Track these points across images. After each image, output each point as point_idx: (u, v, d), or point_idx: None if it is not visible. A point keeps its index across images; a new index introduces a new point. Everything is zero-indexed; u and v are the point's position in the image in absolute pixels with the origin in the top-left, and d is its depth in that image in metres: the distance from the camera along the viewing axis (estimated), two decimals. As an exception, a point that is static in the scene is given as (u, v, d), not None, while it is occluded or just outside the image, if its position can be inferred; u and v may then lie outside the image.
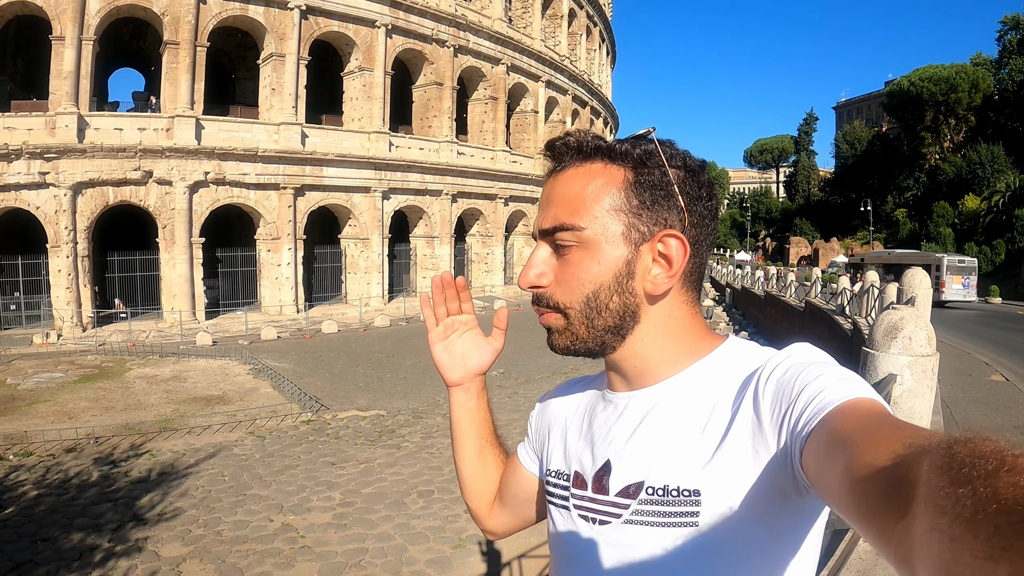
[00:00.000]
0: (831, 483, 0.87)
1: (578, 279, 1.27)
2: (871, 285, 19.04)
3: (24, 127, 28.26)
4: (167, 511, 11.87)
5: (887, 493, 0.70)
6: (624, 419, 1.34)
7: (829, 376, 1.05)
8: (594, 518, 1.32)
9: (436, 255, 40.95)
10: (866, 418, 0.91)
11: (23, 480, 13.30)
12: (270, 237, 33.75)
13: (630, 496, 1.25)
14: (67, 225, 28.43)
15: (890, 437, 0.78)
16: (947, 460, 0.58)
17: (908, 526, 0.62)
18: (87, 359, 25.47)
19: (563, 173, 1.31)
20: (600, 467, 1.34)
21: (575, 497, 1.38)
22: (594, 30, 59.34)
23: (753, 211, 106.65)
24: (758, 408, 1.13)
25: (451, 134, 41.14)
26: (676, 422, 1.25)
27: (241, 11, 32.45)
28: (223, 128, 32.46)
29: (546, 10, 50.48)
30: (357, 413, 18.32)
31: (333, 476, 13.75)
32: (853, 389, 1.01)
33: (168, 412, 18.27)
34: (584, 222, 1.25)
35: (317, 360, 25.77)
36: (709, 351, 1.31)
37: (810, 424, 0.99)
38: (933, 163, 75.20)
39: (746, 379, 1.20)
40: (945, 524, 0.53)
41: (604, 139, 1.31)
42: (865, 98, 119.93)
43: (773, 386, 1.12)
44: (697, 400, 1.25)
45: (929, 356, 5.22)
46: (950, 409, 14.39)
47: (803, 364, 1.12)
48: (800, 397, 1.04)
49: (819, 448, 0.95)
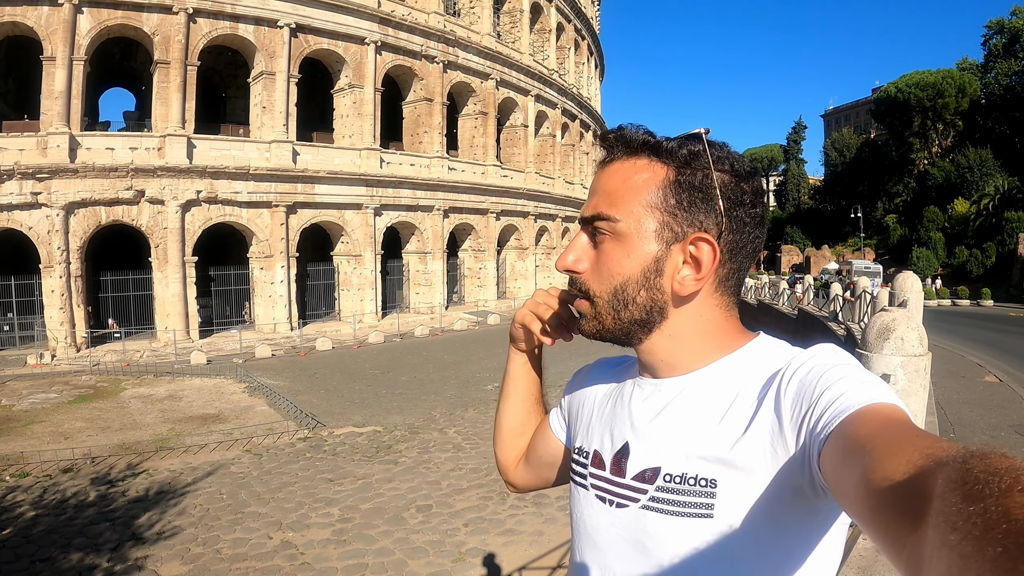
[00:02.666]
0: (847, 488, 0.88)
1: (608, 269, 1.30)
2: (863, 291, 19.09)
3: (16, 147, 28.24)
4: (166, 530, 11.85)
5: (902, 504, 0.71)
6: (647, 404, 1.36)
7: (851, 379, 1.06)
8: (611, 500, 1.34)
9: (429, 271, 40.95)
10: (886, 424, 0.92)
11: (20, 501, 13.26)
12: (263, 255, 33.72)
13: (647, 481, 1.28)
14: (60, 245, 28.39)
15: (908, 446, 0.79)
16: (961, 475, 0.58)
17: (920, 539, 0.62)
18: (82, 379, 25.41)
19: (610, 165, 1.34)
20: (619, 449, 1.36)
21: (593, 476, 1.41)
22: (582, 44, 59.57)
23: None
24: (779, 406, 1.14)
25: (442, 149, 41.20)
26: (697, 412, 1.27)
27: (231, 30, 32.53)
28: (214, 146, 32.49)
29: (534, 25, 50.69)
30: (354, 429, 18.31)
31: (331, 492, 13.74)
32: (875, 393, 1.01)
33: (164, 431, 18.24)
34: (620, 214, 1.28)
35: (312, 377, 25.74)
36: (738, 348, 1.32)
37: (829, 426, 1.00)
38: (922, 168, 75.31)
39: (770, 377, 1.21)
40: (955, 540, 0.52)
41: (653, 135, 1.33)
42: (853, 105, 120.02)
43: (795, 385, 1.13)
44: (720, 393, 1.26)
45: (921, 356, 5.29)
46: (945, 411, 14.47)
47: (827, 365, 1.13)
48: (821, 398, 1.06)
49: (837, 452, 0.96)
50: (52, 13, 28.65)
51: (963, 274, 58.82)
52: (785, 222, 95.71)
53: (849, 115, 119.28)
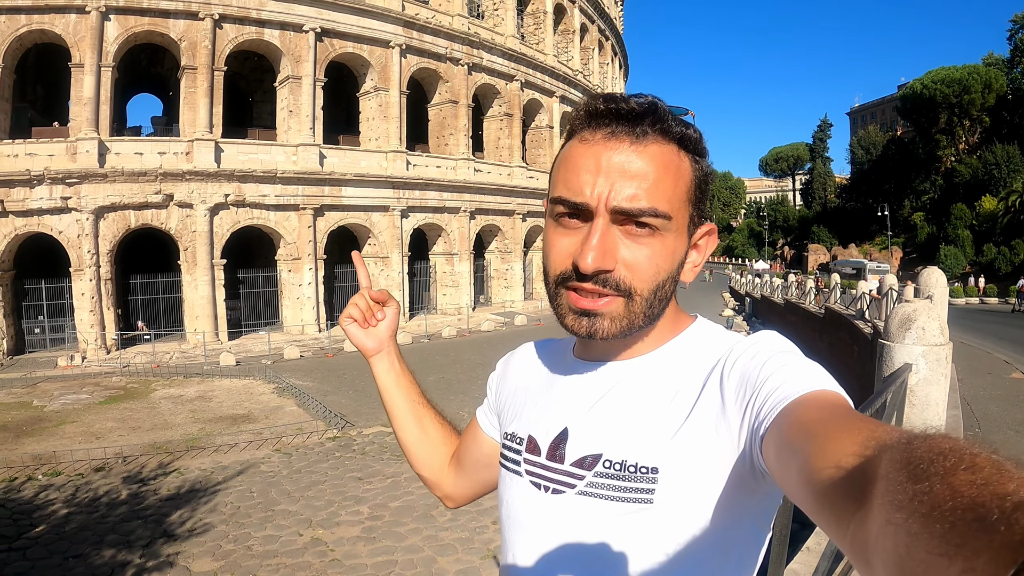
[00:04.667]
0: (790, 472, 0.88)
1: (656, 266, 1.22)
2: (890, 288, 18.98)
3: (46, 153, 28.59)
4: (197, 527, 11.92)
5: (845, 485, 0.71)
6: (587, 388, 1.34)
7: (794, 366, 1.08)
8: (547, 486, 1.31)
9: (456, 272, 40.98)
10: (829, 409, 0.93)
11: (53, 499, 13.38)
12: (291, 257, 33.91)
13: (586, 468, 1.25)
14: (90, 249, 28.70)
15: (851, 430, 0.80)
16: (906, 456, 0.58)
17: (864, 518, 0.63)
18: (112, 380, 25.63)
19: (644, 146, 1.20)
20: (557, 434, 1.33)
21: (527, 463, 1.37)
22: (606, 44, 59.48)
23: (770, 220, 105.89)
24: (723, 392, 1.14)
25: (467, 151, 41.21)
26: (640, 397, 1.25)
27: (257, 35, 32.76)
28: (242, 150, 32.72)
29: (558, 26, 50.62)
30: (382, 429, 18.32)
31: (360, 491, 13.78)
32: (817, 381, 1.03)
33: (195, 431, 18.36)
34: (674, 211, 1.21)
35: (340, 378, 25.82)
36: (680, 331, 1.33)
37: (773, 412, 1.00)
38: (949, 165, 74.42)
39: (713, 362, 1.21)
40: (901, 519, 0.53)
41: (686, 123, 1.26)
42: (879, 103, 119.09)
43: (739, 371, 1.14)
44: (663, 378, 1.25)
45: (942, 345, 5.29)
46: (970, 406, 14.37)
47: (770, 351, 1.14)
48: (764, 384, 1.06)
49: (780, 436, 0.96)
50: (80, 20, 28.97)
51: (991, 272, 58.01)
52: (811, 221, 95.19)
53: (875, 112, 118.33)
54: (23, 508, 12.96)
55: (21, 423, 19.17)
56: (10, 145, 28.46)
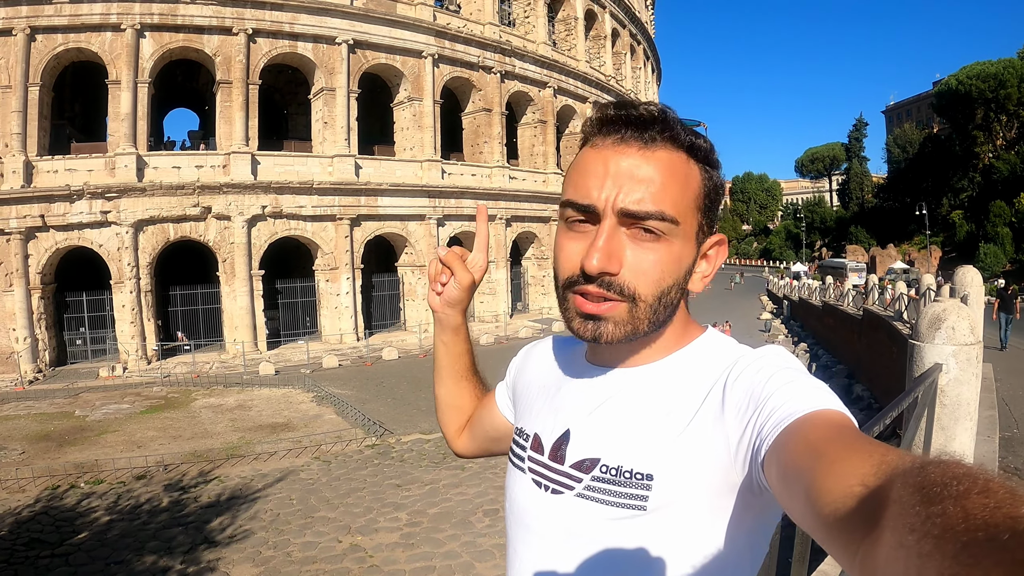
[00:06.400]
0: (795, 492, 0.87)
1: (660, 271, 1.22)
2: (927, 288, 18.72)
3: (85, 168, 29.15)
4: (237, 533, 11.99)
5: (856, 508, 0.71)
6: (592, 392, 1.34)
7: (800, 384, 1.06)
8: (547, 486, 1.32)
9: (492, 279, 40.93)
10: (836, 430, 0.92)
11: (95, 506, 13.54)
12: (328, 267, 34.11)
13: (584, 471, 1.26)
14: (129, 262, 29.10)
15: (861, 452, 0.79)
16: (920, 480, 0.59)
17: (875, 542, 0.63)
18: (153, 390, 25.94)
19: (653, 152, 1.22)
20: (560, 435, 1.34)
21: (531, 460, 1.39)
22: (638, 48, 59.30)
23: (807, 221, 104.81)
24: (724, 405, 1.14)
25: (502, 159, 41.25)
26: (642, 405, 1.25)
27: (290, 48, 33.08)
28: (278, 162, 33.03)
29: (589, 32, 50.53)
30: (421, 436, 18.36)
31: (399, 497, 13.79)
32: (823, 400, 1.02)
33: (235, 440, 18.49)
34: (681, 216, 1.21)
35: (379, 386, 25.91)
36: (688, 342, 1.32)
37: (777, 428, 1.00)
38: (987, 162, 73.02)
39: (717, 374, 1.21)
40: (913, 541, 0.53)
41: (696, 133, 1.28)
42: (914, 100, 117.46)
43: (742, 385, 1.13)
44: (667, 388, 1.25)
45: (972, 345, 5.21)
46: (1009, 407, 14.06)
47: (775, 367, 1.13)
48: (769, 400, 1.05)
49: (784, 454, 0.95)
50: (116, 38, 29.47)
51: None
52: (849, 222, 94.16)
53: (911, 110, 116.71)
54: (65, 515, 13.12)
55: (64, 433, 19.44)
56: (50, 161, 29.00)
